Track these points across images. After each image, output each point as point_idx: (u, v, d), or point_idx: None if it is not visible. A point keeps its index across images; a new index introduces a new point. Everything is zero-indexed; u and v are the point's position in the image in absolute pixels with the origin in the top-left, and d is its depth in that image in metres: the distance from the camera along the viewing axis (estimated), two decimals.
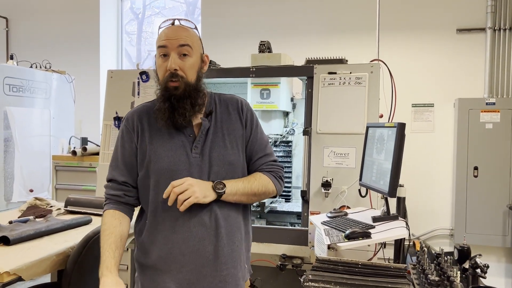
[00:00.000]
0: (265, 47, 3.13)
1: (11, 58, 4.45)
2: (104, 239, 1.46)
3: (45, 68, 4.63)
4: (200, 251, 1.48)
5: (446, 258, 1.63)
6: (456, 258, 1.74)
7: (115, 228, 1.48)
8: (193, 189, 1.39)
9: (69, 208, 2.61)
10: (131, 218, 1.58)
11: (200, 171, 1.49)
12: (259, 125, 1.64)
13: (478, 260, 1.57)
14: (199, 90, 1.50)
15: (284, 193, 3.43)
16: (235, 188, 1.49)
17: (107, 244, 1.44)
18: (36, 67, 4.56)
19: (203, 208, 1.47)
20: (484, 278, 1.57)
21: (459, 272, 1.51)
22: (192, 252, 1.47)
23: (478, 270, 1.56)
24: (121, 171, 1.55)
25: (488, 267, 1.56)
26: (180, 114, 1.46)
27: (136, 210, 1.65)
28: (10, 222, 2.22)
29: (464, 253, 1.72)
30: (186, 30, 1.50)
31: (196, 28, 1.54)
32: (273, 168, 1.61)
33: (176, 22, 1.50)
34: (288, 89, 3.27)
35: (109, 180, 1.58)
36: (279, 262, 2.73)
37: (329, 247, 2.02)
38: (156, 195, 1.50)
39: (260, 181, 1.55)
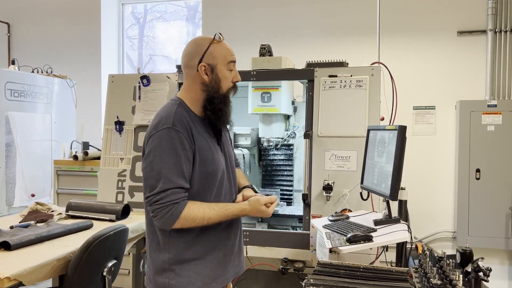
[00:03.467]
0: (265, 51, 3.13)
1: (13, 63, 4.47)
2: (208, 208, 1.60)
3: (47, 73, 4.64)
4: (233, 233, 1.75)
5: (448, 262, 1.62)
6: (458, 261, 1.73)
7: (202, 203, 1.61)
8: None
9: (70, 212, 2.62)
10: None
11: (228, 171, 1.74)
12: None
13: (480, 263, 1.56)
14: None
15: (285, 197, 3.42)
16: None
17: (212, 206, 1.62)
18: (38, 72, 4.57)
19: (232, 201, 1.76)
20: (487, 281, 1.55)
21: (461, 276, 1.50)
22: (231, 235, 1.74)
23: (481, 274, 1.55)
24: (185, 179, 1.57)
25: (490, 270, 1.54)
26: (228, 116, 1.72)
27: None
28: (11, 227, 2.22)
29: (466, 256, 1.71)
30: None
31: None
32: (239, 163, 2.09)
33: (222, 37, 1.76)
34: (289, 93, 3.27)
35: (173, 188, 1.54)
36: (281, 266, 2.72)
37: (330, 250, 2.01)
38: (205, 195, 1.64)
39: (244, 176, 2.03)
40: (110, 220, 2.52)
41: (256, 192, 1.84)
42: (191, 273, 1.61)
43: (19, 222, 2.38)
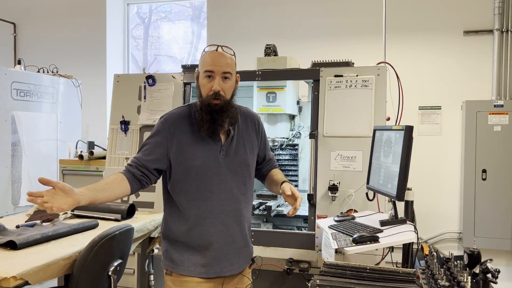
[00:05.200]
0: (271, 51, 3.13)
1: (19, 63, 4.48)
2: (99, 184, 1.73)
3: (52, 72, 4.65)
4: (224, 233, 1.84)
5: (456, 263, 1.60)
6: (466, 262, 1.71)
7: (106, 179, 1.76)
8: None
9: (76, 212, 2.62)
10: (131, 187, 1.77)
11: (227, 169, 1.85)
12: (266, 136, 2.11)
13: (489, 265, 1.54)
14: (232, 105, 1.84)
15: None
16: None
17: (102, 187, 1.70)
18: (44, 72, 4.58)
19: (228, 200, 1.84)
20: (495, 283, 1.54)
21: (469, 277, 1.49)
22: (217, 234, 1.83)
23: (489, 275, 1.54)
24: (147, 157, 1.81)
25: (499, 272, 1.53)
26: (219, 124, 1.79)
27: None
28: (17, 227, 2.23)
29: (474, 258, 1.69)
30: (228, 57, 1.83)
31: (234, 54, 1.88)
32: (277, 165, 2.18)
33: (219, 49, 1.83)
34: (294, 92, 3.26)
35: (133, 160, 1.82)
36: (286, 266, 2.72)
37: (336, 251, 2.00)
38: (190, 186, 1.81)
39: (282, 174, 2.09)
40: (116, 220, 2.52)
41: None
42: (176, 252, 1.85)
43: (25, 222, 2.38)
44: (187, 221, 1.83)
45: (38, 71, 4.54)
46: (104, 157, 3.65)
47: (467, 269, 1.70)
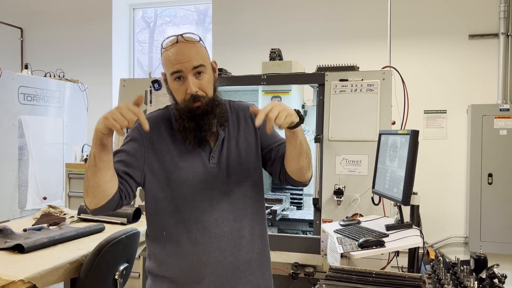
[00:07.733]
0: (276, 55, 3.14)
1: (26, 67, 4.52)
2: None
3: (59, 77, 4.69)
4: (221, 262, 1.47)
5: (462, 268, 1.60)
6: (472, 267, 1.70)
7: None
8: (283, 107, 1.31)
9: (82, 215, 2.63)
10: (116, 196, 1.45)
11: (219, 181, 1.49)
12: None
13: (495, 270, 1.54)
14: (218, 102, 1.48)
15: (295, 201, 3.41)
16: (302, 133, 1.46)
17: None
18: (50, 76, 4.62)
19: (225, 219, 1.48)
20: None
21: (476, 282, 1.48)
22: (213, 263, 1.46)
23: (496, 280, 1.53)
24: (121, 165, 1.51)
25: (506, 277, 1.52)
26: (207, 130, 1.44)
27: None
28: (25, 230, 2.24)
29: (480, 263, 1.68)
30: (194, 46, 1.44)
31: (200, 39, 1.49)
32: None
33: (180, 39, 1.44)
34: (299, 97, 3.27)
35: None
36: (291, 271, 2.72)
37: (342, 255, 2.00)
38: (175, 205, 1.47)
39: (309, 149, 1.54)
40: (122, 224, 2.53)
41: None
42: None
43: (32, 225, 2.40)
44: (175, 251, 1.47)
45: (45, 76, 4.58)
46: None
47: (474, 274, 1.69)
